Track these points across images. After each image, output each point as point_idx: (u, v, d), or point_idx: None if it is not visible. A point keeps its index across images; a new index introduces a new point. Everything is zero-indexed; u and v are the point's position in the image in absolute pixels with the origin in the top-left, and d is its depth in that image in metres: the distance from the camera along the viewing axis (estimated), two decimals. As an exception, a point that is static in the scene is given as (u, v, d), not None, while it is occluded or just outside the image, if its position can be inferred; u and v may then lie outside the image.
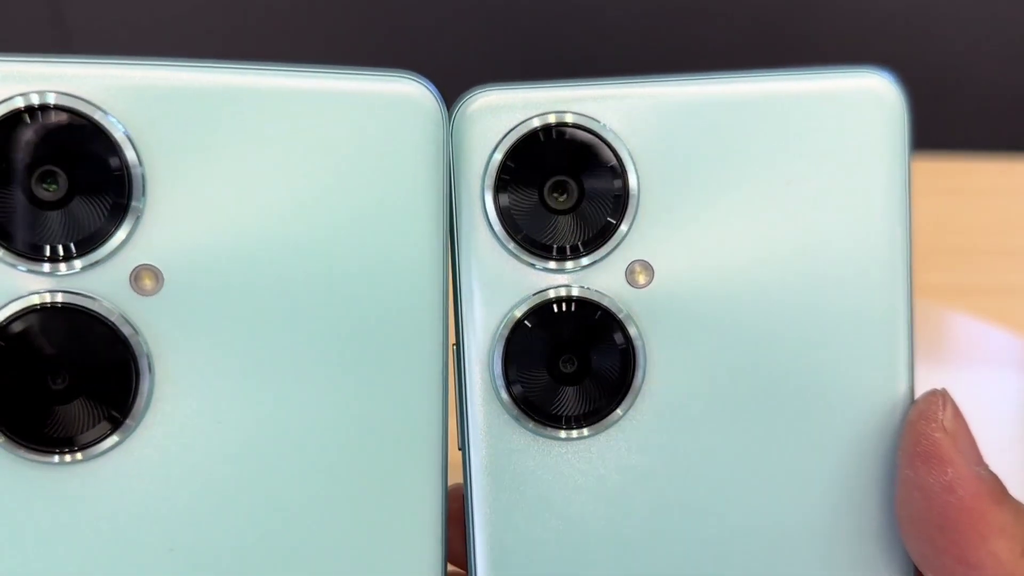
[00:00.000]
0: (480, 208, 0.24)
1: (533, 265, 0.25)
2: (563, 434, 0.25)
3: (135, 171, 0.21)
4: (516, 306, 0.25)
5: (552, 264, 0.24)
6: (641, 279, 0.25)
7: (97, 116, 0.21)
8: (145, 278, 0.22)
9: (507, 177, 0.24)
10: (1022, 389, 0.52)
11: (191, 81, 0.21)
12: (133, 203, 0.21)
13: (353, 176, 0.23)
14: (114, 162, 0.21)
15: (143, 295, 0.22)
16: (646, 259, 0.25)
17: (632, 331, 0.25)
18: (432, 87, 0.24)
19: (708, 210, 0.25)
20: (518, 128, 0.24)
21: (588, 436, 0.25)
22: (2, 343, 0.21)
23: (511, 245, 0.24)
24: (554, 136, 0.24)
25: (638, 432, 0.25)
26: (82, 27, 0.68)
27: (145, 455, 0.22)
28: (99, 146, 0.21)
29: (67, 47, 0.68)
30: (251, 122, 0.22)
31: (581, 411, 0.25)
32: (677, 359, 0.25)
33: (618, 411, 0.25)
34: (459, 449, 0.25)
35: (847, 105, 0.25)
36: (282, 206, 0.22)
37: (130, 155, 0.21)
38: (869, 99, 0.25)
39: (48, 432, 0.21)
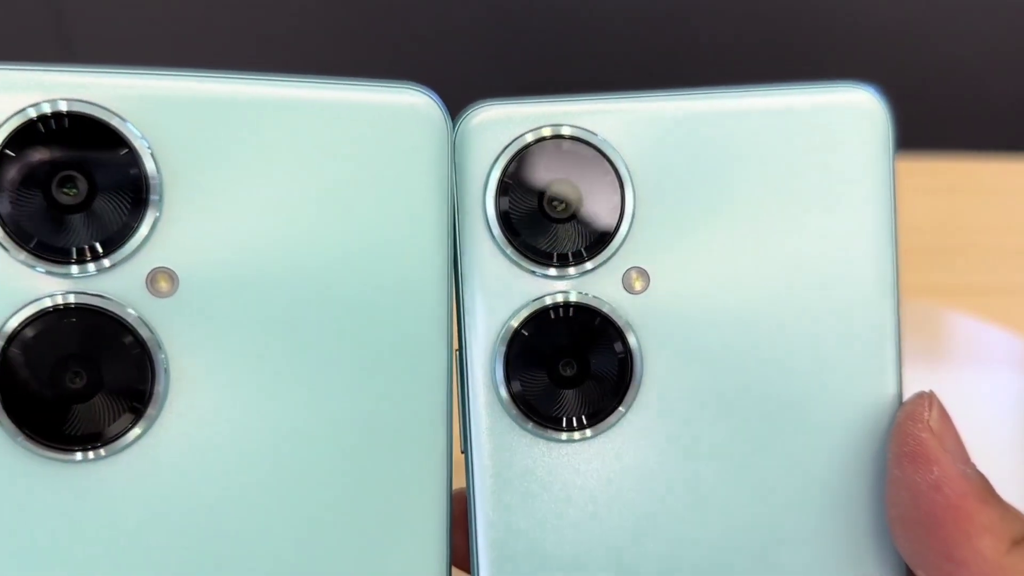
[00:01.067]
0: (482, 217, 0.25)
1: (533, 272, 0.25)
2: (564, 436, 0.26)
3: (152, 177, 0.22)
4: (517, 311, 0.25)
5: (551, 271, 0.25)
6: (638, 285, 0.25)
7: (115, 123, 0.21)
8: (161, 280, 0.22)
9: (507, 188, 0.25)
10: (1022, 389, 0.52)
11: (206, 91, 0.22)
12: (150, 207, 0.22)
13: (360, 185, 0.23)
14: (132, 168, 0.22)
15: (159, 297, 0.22)
16: (642, 266, 0.25)
17: (629, 335, 0.25)
18: (437, 98, 0.24)
19: (702, 219, 0.25)
20: (516, 142, 0.25)
21: (587, 438, 0.26)
22: (22, 343, 0.21)
23: (510, 251, 0.25)
24: (550, 148, 0.25)
25: (635, 434, 0.26)
26: (83, 35, 0.68)
27: (157, 455, 0.23)
28: (119, 153, 0.22)
29: (69, 55, 0.68)
30: (261, 131, 0.22)
31: (580, 413, 0.26)
32: (673, 362, 0.26)
33: (618, 410, 0.26)
34: (462, 452, 0.26)
35: (833, 119, 0.26)
36: (291, 213, 0.23)
37: (148, 162, 0.22)
38: (855, 113, 0.26)
39: (67, 431, 0.22)
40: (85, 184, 0.21)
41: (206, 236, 0.22)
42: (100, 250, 0.22)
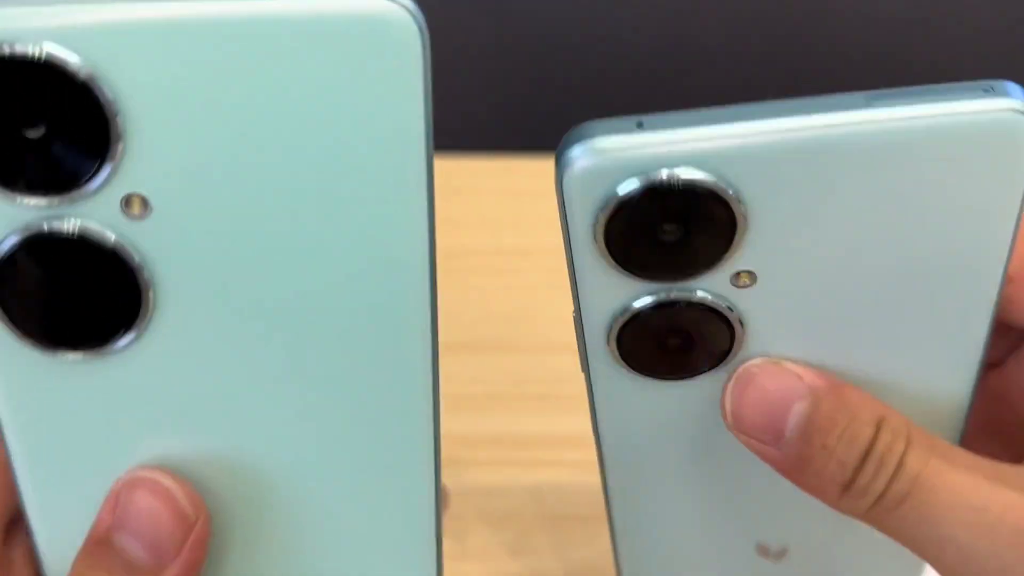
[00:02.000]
0: (592, 246, 0.24)
1: (642, 279, 0.25)
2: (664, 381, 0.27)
3: (111, 109, 0.21)
4: (623, 307, 0.25)
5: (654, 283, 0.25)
6: (745, 280, 0.25)
7: (67, 56, 0.20)
8: (135, 204, 0.22)
9: (614, 229, 0.24)
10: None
11: (154, 15, 0.20)
12: (113, 138, 0.21)
13: (330, 104, 0.21)
14: (92, 102, 0.21)
15: (133, 219, 0.22)
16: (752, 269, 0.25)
17: (739, 328, 0.26)
18: (412, 5, 0.21)
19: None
20: (625, 185, 0.23)
21: (691, 379, 0.27)
22: (15, 266, 0.22)
23: (616, 265, 0.25)
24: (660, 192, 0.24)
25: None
26: None
27: (149, 359, 0.24)
28: (77, 89, 0.21)
29: None
30: (220, 54, 0.21)
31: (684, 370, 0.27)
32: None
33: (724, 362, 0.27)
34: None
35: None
36: (256, 142, 0.22)
37: (107, 94, 0.21)
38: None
39: (67, 337, 0.23)
40: (49, 122, 0.21)
41: (172, 162, 0.22)
42: (73, 180, 0.22)
